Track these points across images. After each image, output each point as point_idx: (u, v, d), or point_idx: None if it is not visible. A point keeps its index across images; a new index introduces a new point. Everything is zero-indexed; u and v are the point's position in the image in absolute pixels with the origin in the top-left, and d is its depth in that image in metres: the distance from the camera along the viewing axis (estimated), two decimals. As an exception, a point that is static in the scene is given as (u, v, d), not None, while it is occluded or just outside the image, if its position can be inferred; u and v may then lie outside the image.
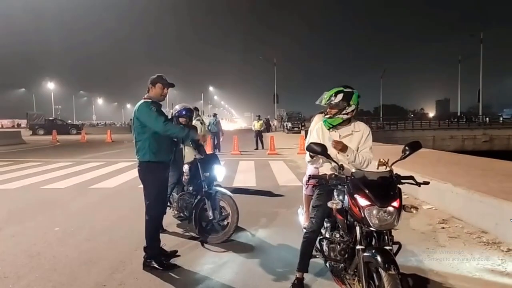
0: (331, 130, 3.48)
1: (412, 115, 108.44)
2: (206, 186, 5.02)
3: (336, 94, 3.33)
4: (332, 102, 3.34)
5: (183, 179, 5.54)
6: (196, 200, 5.13)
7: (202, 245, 4.89)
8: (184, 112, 5.76)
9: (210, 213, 5.00)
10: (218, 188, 5.14)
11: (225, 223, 5.10)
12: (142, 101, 4.24)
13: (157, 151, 4.18)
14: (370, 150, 3.51)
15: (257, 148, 20.31)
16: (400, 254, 2.96)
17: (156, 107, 4.21)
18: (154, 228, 4.35)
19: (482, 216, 5.30)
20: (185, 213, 5.42)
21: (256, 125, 21.97)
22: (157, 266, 4.15)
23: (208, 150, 17.48)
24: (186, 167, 5.49)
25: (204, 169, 5.08)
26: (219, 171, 5.31)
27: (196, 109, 8.51)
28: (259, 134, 21.08)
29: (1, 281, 3.91)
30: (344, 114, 3.37)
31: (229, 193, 5.13)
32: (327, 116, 3.47)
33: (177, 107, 5.91)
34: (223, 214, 5.15)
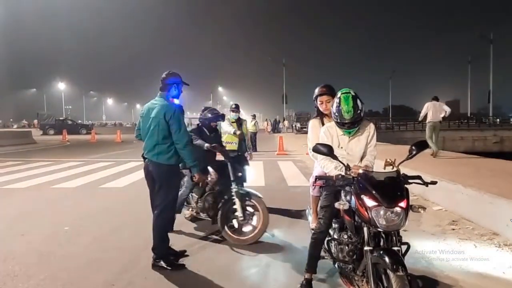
0: (340, 134, 3.44)
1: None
2: (236, 187, 4.92)
3: (353, 105, 3.15)
4: (358, 114, 3.19)
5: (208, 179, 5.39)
6: (223, 201, 5.02)
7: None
8: (214, 117, 5.72)
9: (239, 214, 4.87)
10: (249, 190, 5.06)
11: (251, 225, 5.01)
12: (173, 104, 4.18)
13: (178, 156, 4.21)
14: (375, 148, 3.49)
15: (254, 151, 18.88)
16: (409, 255, 2.94)
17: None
18: (164, 229, 4.33)
19: (493, 218, 5.25)
20: (209, 213, 5.26)
21: (249, 126, 21.14)
22: (165, 266, 4.15)
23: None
24: (211, 168, 5.32)
25: (235, 169, 5.02)
26: (248, 172, 5.24)
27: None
28: (252, 136, 19.41)
29: (11, 279, 3.95)
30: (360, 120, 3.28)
31: (259, 194, 5.01)
32: (344, 127, 3.29)
33: (208, 113, 5.75)
34: (250, 215, 5.03)
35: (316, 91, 4.01)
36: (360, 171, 2.91)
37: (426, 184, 2.87)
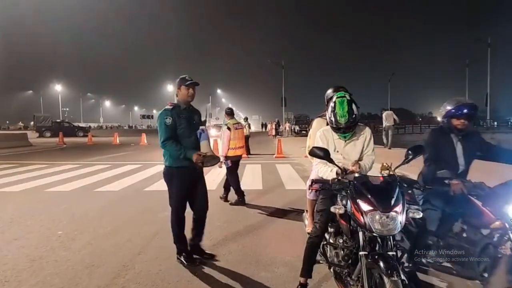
0: (336, 138, 3.42)
1: (420, 119, 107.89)
2: None
3: (348, 110, 3.17)
4: (353, 119, 3.21)
5: None
6: None
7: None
8: (465, 111, 3.67)
9: None
10: None
11: None
12: (163, 108, 4.37)
13: (176, 157, 4.26)
14: (373, 152, 3.46)
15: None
16: (405, 260, 2.90)
17: (173, 116, 4.27)
18: (176, 227, 4.45)
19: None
20: None
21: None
22: (183, 261, 4.40)
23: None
24: None
25: None
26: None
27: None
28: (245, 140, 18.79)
29: (2, 285, 3.89)
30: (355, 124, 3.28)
31: None
32: (340, 131, 3.32)
33: (448, 105, 3.77)
34: None
35: (330, 92, 4.04)
36: (356, 174, 2.89)
37: (421, 188, 2.85)
